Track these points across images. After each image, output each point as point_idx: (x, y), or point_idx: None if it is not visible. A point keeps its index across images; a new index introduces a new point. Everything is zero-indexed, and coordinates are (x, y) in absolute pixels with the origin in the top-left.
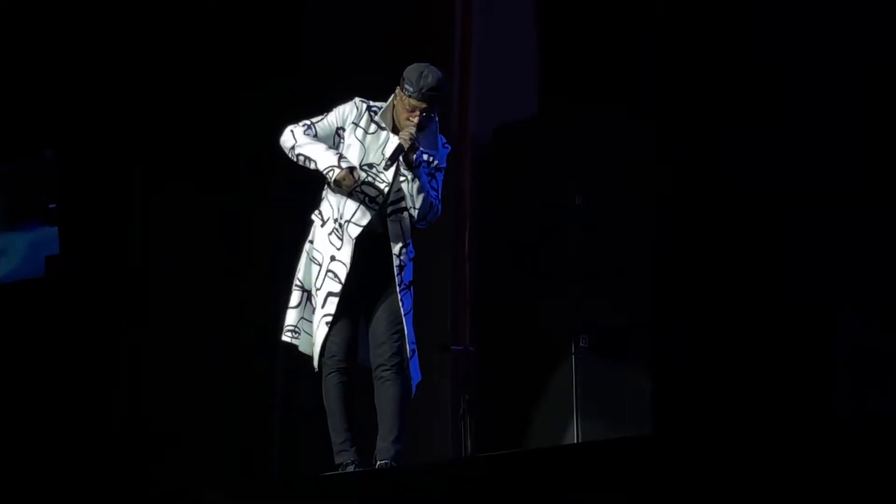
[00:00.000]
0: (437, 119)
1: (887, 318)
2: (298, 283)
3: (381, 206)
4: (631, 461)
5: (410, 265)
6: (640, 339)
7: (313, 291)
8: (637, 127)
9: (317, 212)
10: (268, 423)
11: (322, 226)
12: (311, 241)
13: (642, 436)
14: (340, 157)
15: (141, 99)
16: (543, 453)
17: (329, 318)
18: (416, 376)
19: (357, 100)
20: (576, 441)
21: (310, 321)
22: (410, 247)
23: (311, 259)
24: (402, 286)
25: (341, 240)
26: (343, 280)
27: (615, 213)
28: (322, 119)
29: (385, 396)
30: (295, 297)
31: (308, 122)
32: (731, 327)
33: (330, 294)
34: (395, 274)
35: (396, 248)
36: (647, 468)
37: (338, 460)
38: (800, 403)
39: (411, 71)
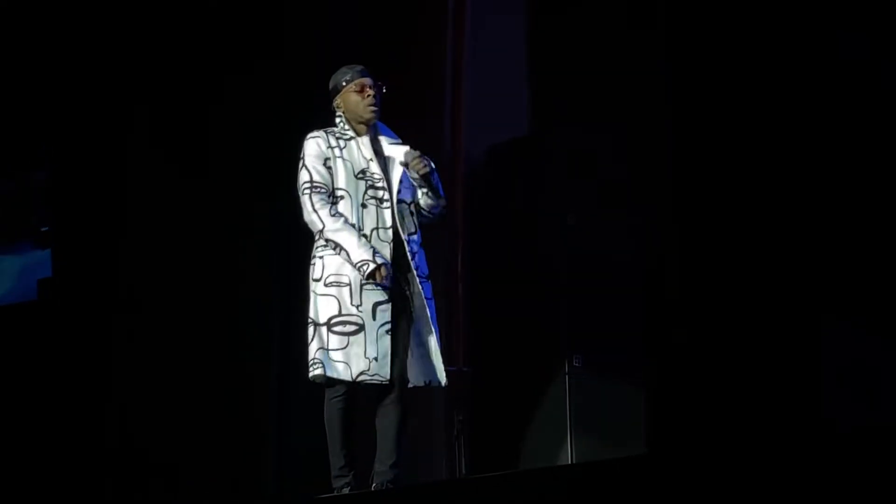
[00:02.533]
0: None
1: (874, 325)
2: (311, 320)
3: (390, 203)
4: (625, 481)
5: (423, 256)
6: (633, 358)
7: (341, 317)
8: (628, 142)
9: (321, 247)
10: (263, 444)
11: (338, 253)
12: (319, 278)
13: (636, 456)
14: (374, 251)
15: (133, 120)
16: (537, 474)
17: (388, 327)
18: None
19: (312, 134)
20: (570, 461)
21: (326, 350)
22: (419, 236)
23: (326, 293)
24: (419, 273)
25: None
26: (389, 284)
27: (607, 232)
28: (313, 171)
29: (386, 420)
30: (310, 332)
31: (309, 185)
32: (724, 347)
33: (378, 304)
34: (410, 261)
35: (405, 236)
36: (641, 488)
37: (335, 485)
38: (795, 421)
39: (337, 72)
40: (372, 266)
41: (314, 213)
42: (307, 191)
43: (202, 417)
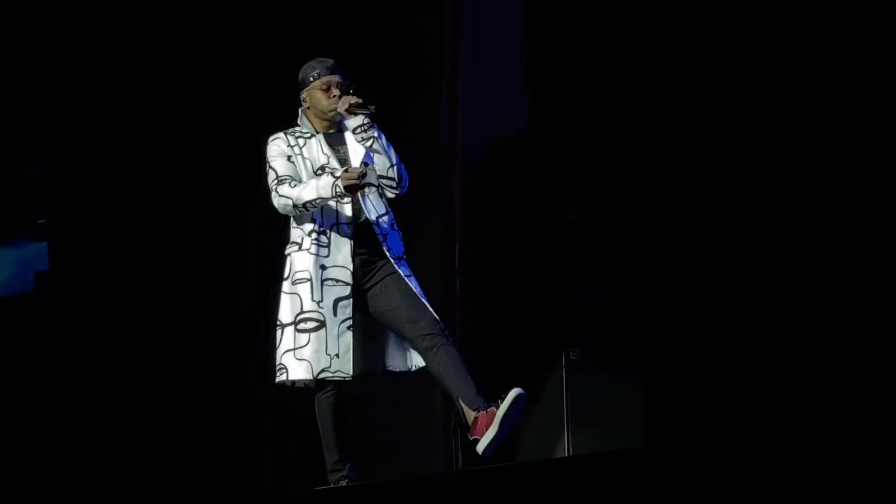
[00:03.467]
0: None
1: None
2: (278, 322)
3: (348, 197)
4: (622, 475)
5: (396, 237)
6: (631, 352)
7: (303, 314)
8: (627, 138)
9: (289, 244)
10: (260, 436)
11: (299, 249)
12: (287, 276)
13: (633, 449)
14: (329, 172)
15: (130, 113)
16: (534, 467)
17: (350, 323)
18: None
19: (272, 136)
20: (566, 454)
21: (293, 350)
22: (391, 217)
23: (291, 291)
24: (392, 255)
25: (328, 247)
26: (350, 280)
27: (606, 226)
28: (278, 167)
29: (448, 359)
30: (277, 336)
31: (275, 178)
32: (722, 340)
33: (339, 300)
34: (381, 242)
35: (373, 217)
36: (637, 482)
37: (331, 479)
38: (792, 414)
39: (304, 67)
40: (340, 182)
41: (281, 196)
42: (274, 184)
43: (200, 412)
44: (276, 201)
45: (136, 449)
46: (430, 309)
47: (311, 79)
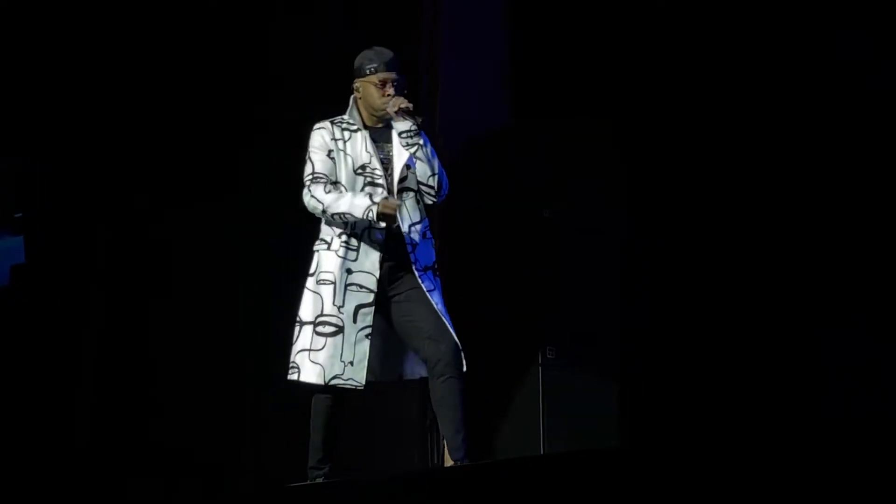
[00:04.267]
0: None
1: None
2: (298, 318)
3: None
4: (597, 474)
5: (427, 246)
6: (607, 350)
7: (323, 316)
8: (607, 137)
9: (318, 240)
10: (240, 434)
11: (328, 249)
12: (313, 273)
13: (609, 448)
14: (369, 195)
15: (106, 105)
16: (510, 465)
17: (369, 331)
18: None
19: (318, 125)
20: (542, 453)
21: (308, 351)
22: (424, 225)
23: (315, 290)
24: (418, 266)
25: (357, 250)
26: (374, 288)
27: (583, 225)
28: (316, 162)
29: (450, 395)
30: (294, 333)
31: (311, 174)
32: (699, 339)
33: (361, 307)
34: (409, 253)
35: (406, 226)
36: (613, 481)
37: (310, 476)
38: (769, 413)
39: (365, 53)
40: (375, 208)
41: (312, 197)
42: (307, 181)
43: (176, 406)
44: (307, 200)
45: (110, 446)
46: (452, 331)
47: (368, 71)
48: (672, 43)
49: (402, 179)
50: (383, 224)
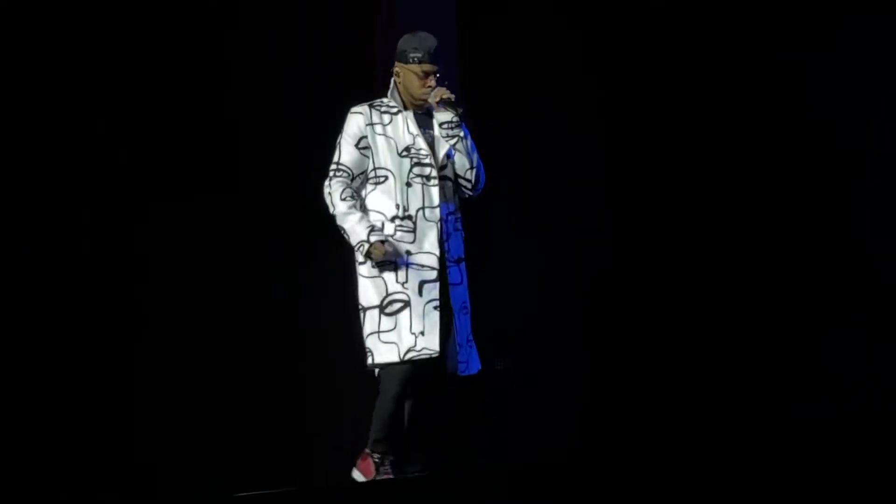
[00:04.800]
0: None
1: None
2: (360, 305)
3: (437, 180)
4: (553, 484)
5: (458, 238)
6: (564, 360)
7: (387, 297)
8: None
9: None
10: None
11: (379, 234)
12: (364, 261)
13: (566, 456)
14: (371, 230)
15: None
16: (465, 477)
17: (437, 303)
18: (475, 365)
19: (355, 108)
20: (499, 462)
21: (378, 333)
22: (457, 217)
23: (373, 275)
24: (449, 257)
25: (413, 232)
26: (437, 265)
27: (543, 230)
28: (343, 152)
29: (416, 408)
30: (361, 319)
31: (336, 164)
32: (656, 348)
33: (425, 282)
34: (443, 241)
35: (443, 215)
36: (569, 491)
37: (373, 449)
38: (726, 424)
39: (410, 39)
40: (366, 246)
41: (329, 195)
42: (331, 171)
43: (141, 412)
44: (325, 192)
45: (75, 449)
46: (463, 334)
47: (412, 59)
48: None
49: (442, 168)
50: (370, 258)
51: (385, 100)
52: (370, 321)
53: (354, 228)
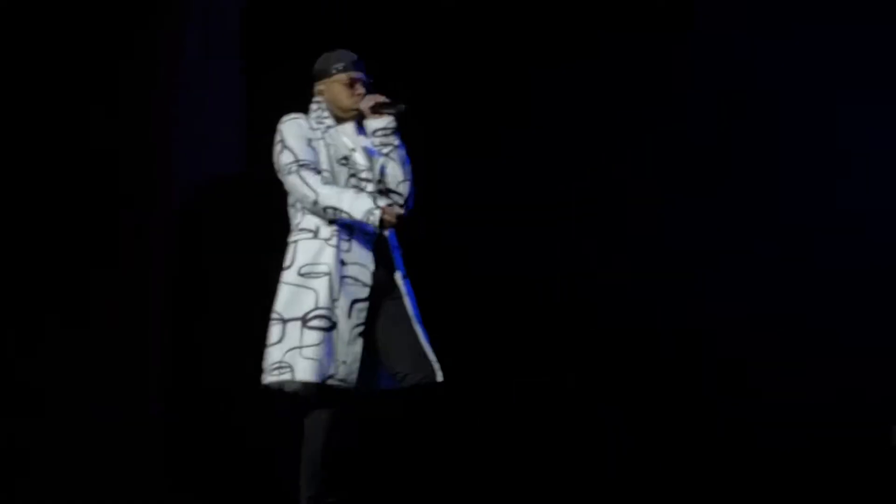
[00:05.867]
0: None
1: None
2: (277, 315)
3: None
4: None
5: (400, 252)
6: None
7: (317, 310)
8: None
9: (298, 231)
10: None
11: (315, 237)
12: (290, 265)
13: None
14: (373, 196)
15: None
16: None
17: (362, 329)
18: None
19: (291, 115)
20: None
21: (300, 348)
22: (393, 232)
23: (300, 283)
24: (402, 272)
25: (350, 241)
26: (370, 282)
27: None
28: (298, 150)
29: (352, 433)
30: (275, 331)
31: (295, 161)
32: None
33: (356, 301)
34: (393, 255)
35: (387, 231)
36: None
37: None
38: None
39: (326, 57)
40: (378, 213)
41: (306, 185)
42: (295, 169)
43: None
44: (297, 187)
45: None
46: (420, 352)
47: (334, 71)
48: None
49: (378, 182)
50: (377, 232)
51: (316, 114)
52: (291, 334)
53: (354, 203)
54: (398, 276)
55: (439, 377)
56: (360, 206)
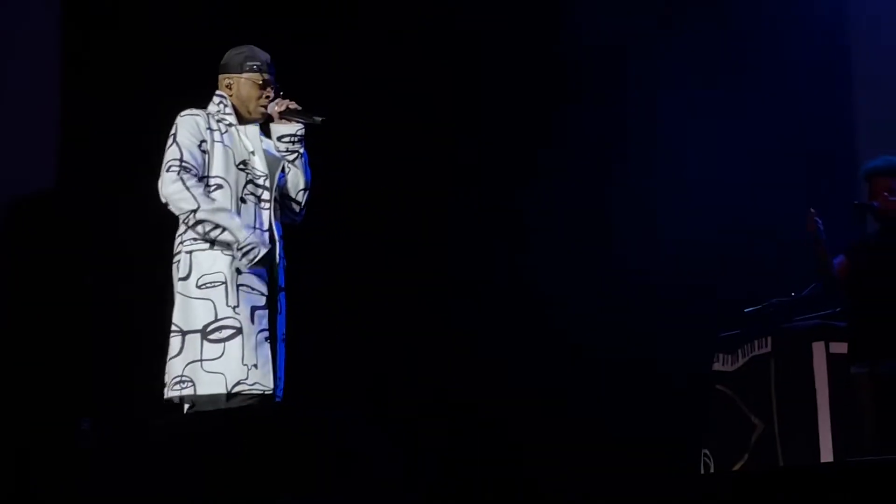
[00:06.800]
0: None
1: None
2: (176, 328)
3: (269, 203)
4: None
5: (282, 266)
6: None
7: (217, 321)
8: None
9: (190, 241)
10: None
11: (211, 248)
12: (187, 276)
13: None
14: (256, 230)
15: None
16: None
17: (267, 334)
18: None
19: (189, 111)
20: None
21: (200, 362)
22: (282, 245)
23: (197, 295)
24: (280, 286)
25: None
26: (266, 290)
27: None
28: (185, 153)
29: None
30: (174, 344)
31: (178, 160)
32: None
33: (256, 308)
34: (280, 271)
35: (277, 236)
36: None
37: None
38: None
39: (242, 50)
40: (263, 251)
41: (186, 190)
42: (175, 167)
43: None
44: (173, 188)
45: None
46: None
47: (248, 68)
48: None
49: (275, 190)
50: (252, 256)
51: (218, 109)
52: (191, 347)
53: (240, 228)
54: (279, 291)
55: (278, 397)
56: (246, 235)
